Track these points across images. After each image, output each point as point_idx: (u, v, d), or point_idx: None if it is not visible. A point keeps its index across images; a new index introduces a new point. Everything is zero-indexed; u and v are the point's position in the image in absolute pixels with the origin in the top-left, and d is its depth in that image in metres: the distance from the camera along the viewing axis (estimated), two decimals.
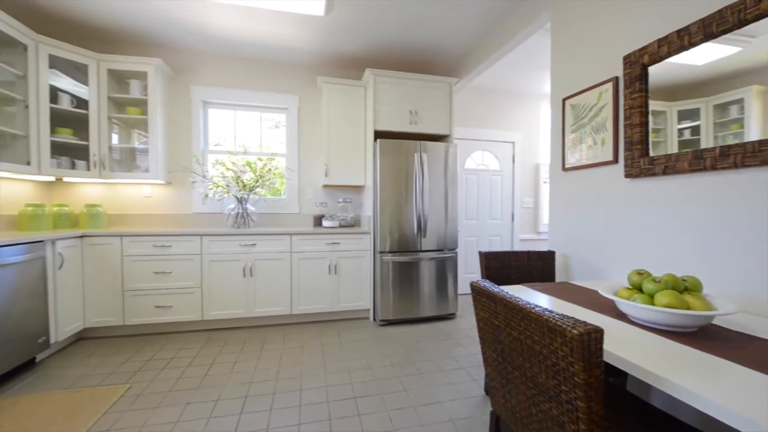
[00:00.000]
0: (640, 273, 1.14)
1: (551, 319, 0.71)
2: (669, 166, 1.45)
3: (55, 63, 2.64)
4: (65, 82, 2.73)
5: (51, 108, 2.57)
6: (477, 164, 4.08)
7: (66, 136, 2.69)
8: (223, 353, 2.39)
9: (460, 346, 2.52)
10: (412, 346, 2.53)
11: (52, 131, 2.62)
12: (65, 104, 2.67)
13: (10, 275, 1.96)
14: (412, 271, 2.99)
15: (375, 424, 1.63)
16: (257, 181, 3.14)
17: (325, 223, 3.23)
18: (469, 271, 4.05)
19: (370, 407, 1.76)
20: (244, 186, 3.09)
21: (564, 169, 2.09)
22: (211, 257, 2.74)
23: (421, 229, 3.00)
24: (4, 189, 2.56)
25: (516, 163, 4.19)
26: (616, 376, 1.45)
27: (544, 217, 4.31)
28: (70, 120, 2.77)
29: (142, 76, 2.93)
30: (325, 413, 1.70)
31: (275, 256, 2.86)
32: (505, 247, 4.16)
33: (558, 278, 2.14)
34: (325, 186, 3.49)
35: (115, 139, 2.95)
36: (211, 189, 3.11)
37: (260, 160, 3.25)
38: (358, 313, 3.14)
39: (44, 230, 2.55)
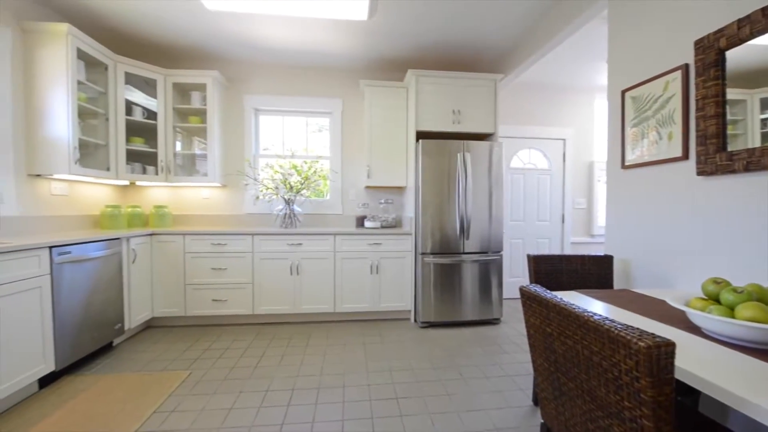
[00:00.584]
0: (717, 282, 1.02)
1: (613, 328, 0.66)
2: (752, 162, 1.28)
3: (130, 79, 2.96)
4: (138, 96, 3.04)
5: (126, 120, 2.88)
6: (524, 163, 3.91)
7: (138, 145, 3.00)
8: (271, 347, 2.51)
9: (506, 353, 2.42)
10: (454, 349, 2.48)
11: (127, 140, 2.94)
12: (138, 116, 2.97)
13: (93, 268, 2.22)
14: (454, 274, 2.94)
15: (417, 426, 1.62)
16: (303, 183, 3.27)
17: (367, 223, 3.28)
18: (514, 275, 3.89)
19: (412, 409, 1.75)
20: (291, 188, 3.23)
21: (624, 166, 1.93)
22: (261, 255, 2.90)
23: (464, 230, 2.94)
24: (88, 192, 2.91)
25: (567, 161, 3.94)
26: (685, 396, 1.31)
27: (599, 219, 4.01)
28: (141, 130, 3.09)
29: (201, 87, 3.18)
30: (368, 411, 1.73)
31: (320, 255, 2.96)
32: (554, 251, 3.94)
33: (616, 285, 1.98)
34: (367, 187, 3.55)
35: (178, 146, 3.23)
36: (261, 191, 3.30)
37: (305, 163, 3.38)
38: (399, 313, 3.15)
39: (120, 229, 2.86)
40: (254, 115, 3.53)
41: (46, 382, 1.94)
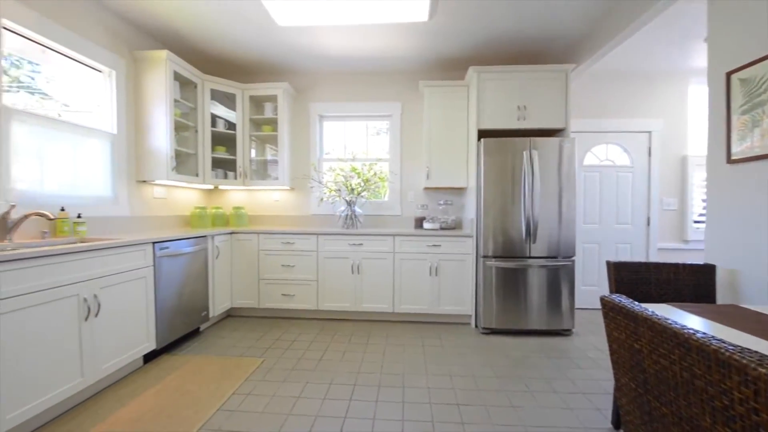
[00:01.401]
0: None
1: (723, 350, 0.56)
2: None
3: (214, 95, 3.32)
4: (220, 110, 3.41)
5: (211, 131, 3.24)
6: (600, 160, 3.55)
7: (221, 153, 3.36)
8: (334, 342, 2.63)
9: (579, 368, 2.22)
10: (519, 359, 2.35)
11: (212, 149, 3.30)
12: (221, 127, 3.33)
13: (185, 262, 2.54)
14: (518, 279, 2.78)
15: None
16: (363, 185, 3.37)
17: (426, 225, 3.26)
18: (588, 283, 3.55)
19: (474, 417, 1.69)
20: (352, 190, 3.35)
21: (729, 161, 1.66)
22: (325, 254, 3.05)
23: (530, 233, 2.76)
24: (181, 195, 3.33)
25: (653, 156, 3.49)
26: None
27: (694, 222, 3.48)
28: (223, 139, 3.45)
29: (273, 98, 3.45)
30: (428, 414, 1.71)
31: (379, 256, 3.02)
32: (637, 257, 3.51)
33: (720, 300, 1.70)
34: (426, 188, 3.53)
35: (253, 153, 3.55)
36: (325, 193, 3.47)
37: (364, 165, 3.48)
38: (459, 317, 3.07)
39: (206, 228, 3.23)
40: (319, 122, 3.73)
41: (148, 358, 2.27)
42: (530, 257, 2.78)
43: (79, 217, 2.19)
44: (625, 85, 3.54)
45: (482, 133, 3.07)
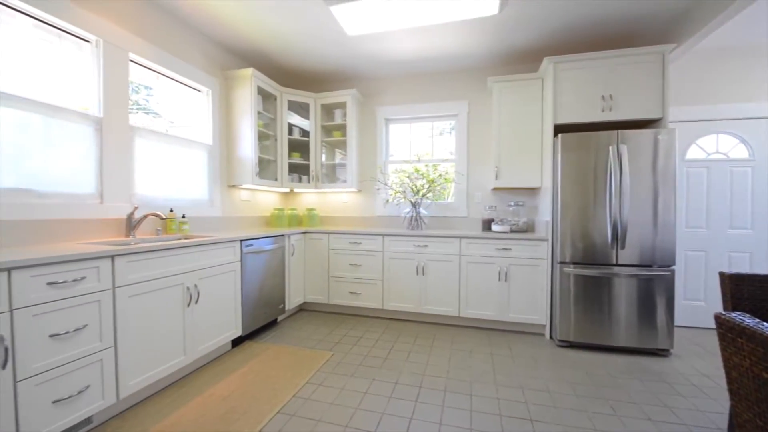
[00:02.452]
0: None
1: None
2: None
3: (290, 105, 3.61)
4: (295, 119, 3.68)
5: (288, 139, 3.51)
6: (707, 153, 3.03)
7: (296, 159, 3.63)
8: (399, 342, 2.65)
9: (680, 396, 1.92)
10: (603, 378, 2.11)
11: (289, 155, 3.59)
12: (296, 135, 3.60)
13: (265, 259, 2.79)
14: (602, 288, 2.50)
15: None
16: (428, 186, 3.35)
17: (494, 227, 3.12)
18: (691, 297, 3.04)
19: None
20: (417, 191, 3.35)
21: None
22: (390, 255, 3.11)
23: (617, 237, 2.47)
24: (263, 198, 3.68)
25: None
26: None
27: None
28: (298, 146, 3.72)
29: (342, 105, 3.62)
30: (497, 426, 1.63)
31: (444, 258, 2.97)
32: (759, 269, 2.91)
33: None
34: (495, 189, 3.37)
35: (323, 158, 3.76)
36: (390, 195, 3.52)
37: (427, 166, 3.45)
38: (531, 327, 2.87)
39: (283, 227, 3.51)
40: (385, 125, 3.81)
41: (235, 343, 2.54)
42: (617, 265, 2.48)
43: (183, 217, 2.56)
44: (742, 62, 2.96)
45: (559, 129, 2.84)
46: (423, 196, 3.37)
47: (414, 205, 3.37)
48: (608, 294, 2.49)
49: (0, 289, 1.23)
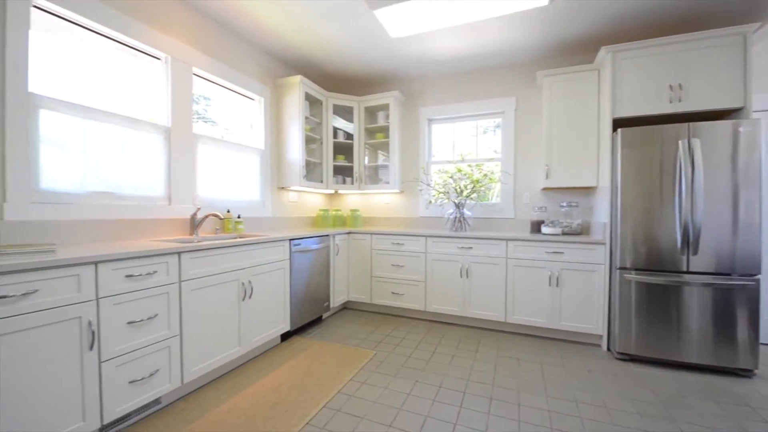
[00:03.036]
0: None
1: None
2: None
3: (335, 109, 3.71)
4: (340, 122, 3.79)
5: (333, 142, 3.62)
6: None
7: (340, 161, 3.73)
8: (441, 345, 2.61)
9: (765, 423, 1.68)
10: (671, 398, 1.91)
11: (333, 158, 3.69)
12: (341, 138, 3.70)
13: (311, 258, 2.89)
14: (670, 298, 2.27)
15: None
16: (473, 187, 3.26)
17: (544, 229, 2.96)
18: None
19: None
20: (461, 192, 3.28)
21: None
22: (433, 256, 3.07)
23: (689, 242, 2.22)
24: (309, 199, 3.82)
25: None
26: None
27: None
28: (342, 149, 3.82)
29: (385, 107, 3.66)
30: None
31: (490, 261, 2.87)
32: None
33: None
34: (545, 189, 3.20)
35: (366, 159, 3.82)
36: (433, 196, 3.49)
37: (470, 166, 3.37)
38: (585, 336, 2.68)
39: (328, 228, 3.62)
40: (428, 125, 3.78)
41: (283, 338, 2.67)
42: (688, 272, 2.24)
43: (238, 217, 2.74)
44: None
45: (618, 123, 2.63)
46: (467, 196, 3.29)
47: (457, 206, 3.30)
48: (677, 304, 2.25)
49: (88, 280, 1.40)
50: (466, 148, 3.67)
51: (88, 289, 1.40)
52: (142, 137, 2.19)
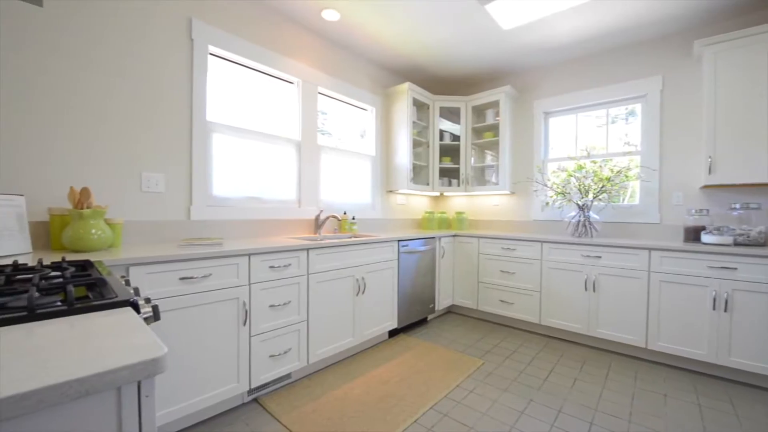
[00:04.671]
0: None
1: None
2: None
3: (441, 112, 3.71)
4: (446, 125, 3.76)
5: (439, 144, 3.63)
6: None
7: (446, 163, 3.71)
8: (560, 365, 2.34)
9: None
10: None
11: (439, 160, 3.70)
12: (446, 140, 3.68)
13: (417, 259, 2.95)
14: None
15: None
16: (602, 186, 2.83)
17: (705, 238, 2.35)
18: None
19: None
20: (587, 192, 2.88)
21: None
22: (550, 264, 2.77)
23: None
24: (415, 202, 3.91)
25: None
26: None
27: None
28: (448, 150, 3.79)
29: (494, 104, 3.48)
30: None
31: (625, 273, 2.44)
32: None
33: None
34: (706, 187, 2.54)
35: (472, 160, 3.70)
36: (551, 197, 3.15)
37: (594, 162, 2.90)
38: (766, 379, 2.03)
39: (433, 230, 3.64)
40: (543, 120, 3.44)
41: (391, 334, 2.78)
42: None
43: (353, 219, 2.99)
44: None
45: None
46: (594, 197, 2.86)
47: (581, 208, 2.91)
48: None
49: (244, 268, 1.73)
50: (592, 141, 3.20)
51: (243, 276, 1.73)
52: (279, 150, 2.59)
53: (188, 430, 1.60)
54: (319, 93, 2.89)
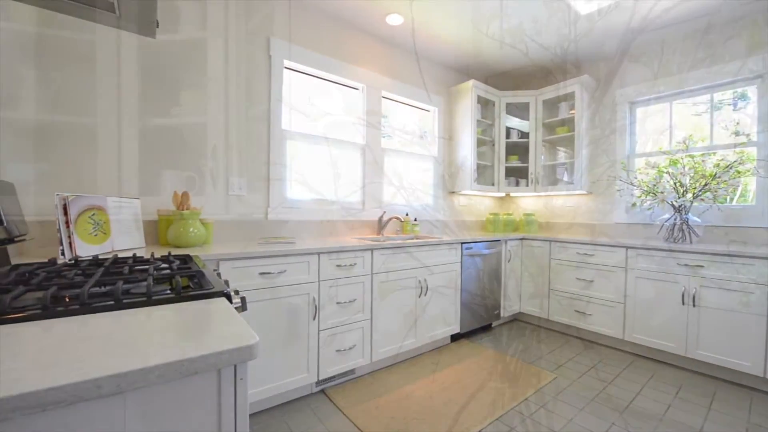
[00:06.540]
0: None
1: None
2: None
3: (507, 108, 3.52)
4: (513, 121, 3.57)
5: (506, 142, 3.45)
6: None
7: (513, 162, 3.52)
8: (649, 387, 2.06)
9: None
10: None
11: (506, 159, 3.52)
12: (514, 138, 3.49)
13: (482, 262, 2.84)
14: None
15: None
16: (704, 184, 2.43)
17: None
18: None
19: None
20: (685, 192, 2.50)
21: None
22: (637, 273, 2.46)
23: None
24: (478, 202, 3.78)
25: None
26: None
27: None
28: (515, 149, 3.59)
29: (569, 97, 3.21)
30: None
31: (733, 287, 2.06)
32: None
33: None
34: None
35: (542, 158, 3.45)
36: (638, 197, 2.79)
37: (691, 156, 2.49)
38: None
39: (498, 232, 3.47)
40: (629, 110, 3.07)
41: (453, 339, 2.72)
42: None
43: (415, 220, 2.99)
44: None
45: None
46: (695, 197, 2.48)
47: (677, 209, 2.53)
48: None
49: (314, 266, 1.84)
50: (687, 132, 2.77)
51: (313, 273, 1.84)
52: (345, 154, 2.70)
53: (264, 413, 1.76)
54: (383, 97, 2.95)
